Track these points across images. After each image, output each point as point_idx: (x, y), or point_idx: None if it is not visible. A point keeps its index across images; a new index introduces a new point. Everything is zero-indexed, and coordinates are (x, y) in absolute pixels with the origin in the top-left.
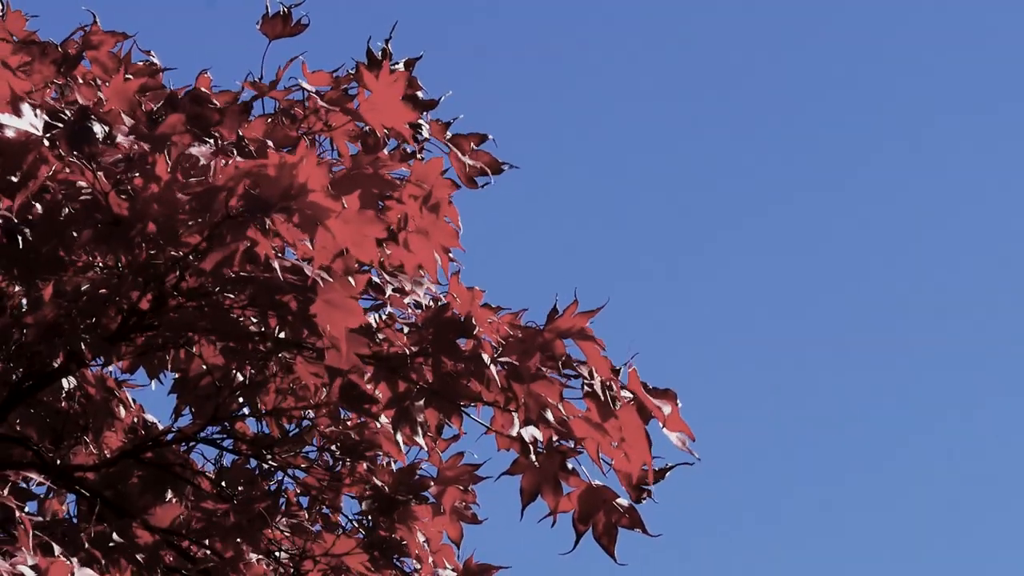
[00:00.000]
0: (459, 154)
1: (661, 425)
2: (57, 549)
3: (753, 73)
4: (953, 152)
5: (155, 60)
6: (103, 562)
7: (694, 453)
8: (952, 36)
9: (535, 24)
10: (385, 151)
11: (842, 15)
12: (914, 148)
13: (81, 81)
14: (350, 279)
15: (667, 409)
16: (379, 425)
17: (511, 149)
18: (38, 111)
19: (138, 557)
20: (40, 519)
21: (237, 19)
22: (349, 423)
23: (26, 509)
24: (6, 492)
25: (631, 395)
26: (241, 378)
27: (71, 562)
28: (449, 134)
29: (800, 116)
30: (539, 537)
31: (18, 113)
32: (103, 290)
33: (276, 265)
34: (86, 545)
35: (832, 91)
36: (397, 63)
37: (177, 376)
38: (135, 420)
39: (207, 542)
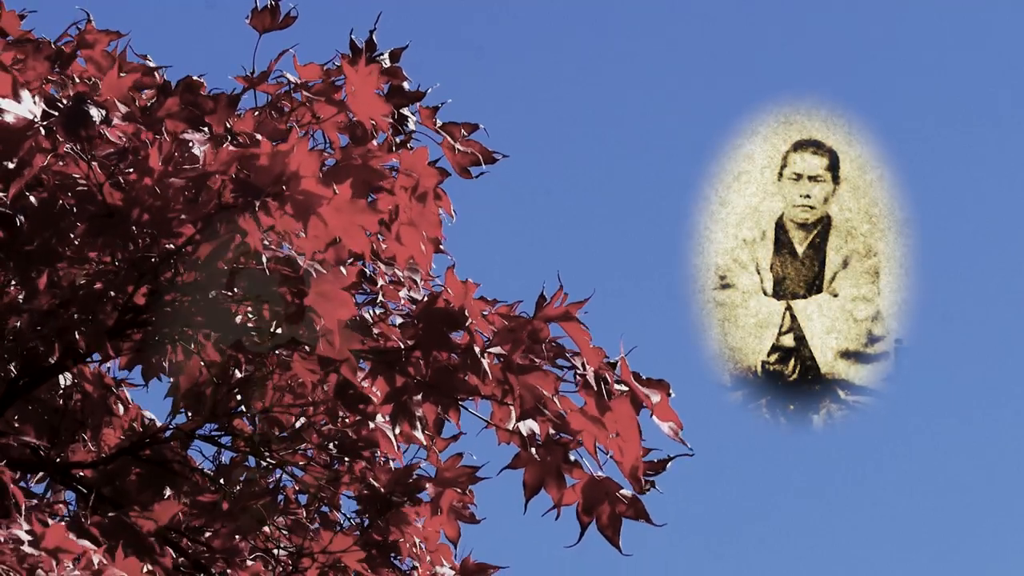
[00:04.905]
0: (450, 140)
1: (650, 414)
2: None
3: (753, 73)
4: (953, 151)
5: (150, 63)
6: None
7: (685, 443)
8: (954, 36)
9: (535, 23)
10: (375, 142)
11: (843, 16)
12: (915, 148)
13: (77, 80)
14: (342, 269)
15: (656, 398)
16: (373, 425)
17: (512, 143)
18: (36, 97)
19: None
20: (35, 503)
21: (237, 20)
22: (348, 421)
23: (25, 503)
24: None
25: (625, 387)
26: (239, 375)
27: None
28: (439, 122)
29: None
30: (538, 537)
31: (17, 99)
32: (99, 284)
33: (264, 256)
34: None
35: (830, 89)
36: (382, 54)
37: (172, 381)
38: (133, 417)
39: (204, 538)
